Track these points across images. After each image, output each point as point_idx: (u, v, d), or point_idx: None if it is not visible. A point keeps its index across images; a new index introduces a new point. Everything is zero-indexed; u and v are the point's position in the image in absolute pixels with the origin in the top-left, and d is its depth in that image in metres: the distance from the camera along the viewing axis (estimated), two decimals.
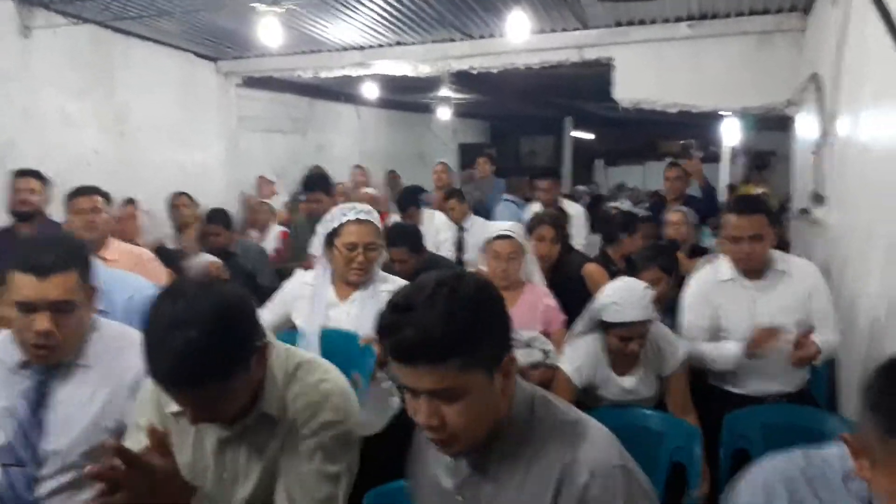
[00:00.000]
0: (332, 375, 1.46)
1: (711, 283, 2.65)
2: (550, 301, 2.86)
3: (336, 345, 2.22)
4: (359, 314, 2.30)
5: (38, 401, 1.58)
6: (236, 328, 1.23)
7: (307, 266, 3.94)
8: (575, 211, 4.88)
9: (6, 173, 4.14)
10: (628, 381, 2.49)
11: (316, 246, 2.53)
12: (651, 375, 2.51)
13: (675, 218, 4.14)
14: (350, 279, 2.37)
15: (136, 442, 1.42)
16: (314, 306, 2.37)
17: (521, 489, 1.12)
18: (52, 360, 1.59)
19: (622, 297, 2.39)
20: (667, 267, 3.07)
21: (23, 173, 3.67)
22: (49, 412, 1.58)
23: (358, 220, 2.32)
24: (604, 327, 2.44)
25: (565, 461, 1.09)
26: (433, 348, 1.02)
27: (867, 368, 2.44)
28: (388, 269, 3.50)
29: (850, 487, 1.05)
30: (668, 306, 2.93)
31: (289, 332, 2.44)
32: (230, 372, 1.22)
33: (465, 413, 1.06)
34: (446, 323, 1.02)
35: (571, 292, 3.01)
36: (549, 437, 1.13)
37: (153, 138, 6.06)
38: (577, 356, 2.49)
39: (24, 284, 1.52)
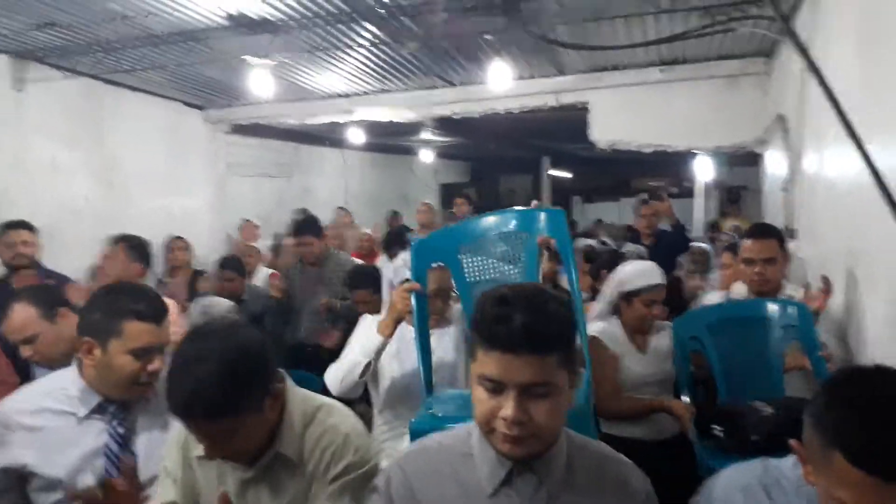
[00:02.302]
0: (350, 418, 1.51)
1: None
2: None
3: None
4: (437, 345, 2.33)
5: (127, 435, 1.69)
6: (250, 368, 1.30)
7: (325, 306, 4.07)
8: None
9: None
10: (649, 355, 2.70)
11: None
12: (664, 350, 2.71)
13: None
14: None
15: (165, 486, 1.50)
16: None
17: None
18: (149, 392, 1.73)
19: (641, 266, 2.78)
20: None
21: (13, 225, 3.70)
22: (136, 444, 1.70)
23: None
24: (627, 300, 2.69)
25: (647, 489, 1.25)
26: (541, 337, 1.09)
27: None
28: (352, 310, 3.64)
29: (801, 492, 1.17)
30: None
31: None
32: (242, 408, 1.28)
33: (551, 411, 1.11)
34: (553, 316, 1.12)
35: None
36: (606, 458, 1.27)
37: (142, 186, 6.16)
38: (600, 325, 2.74)
39: (144, 331, 1.67)
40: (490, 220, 2.27)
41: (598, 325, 2.78)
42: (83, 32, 4.41)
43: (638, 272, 2.74)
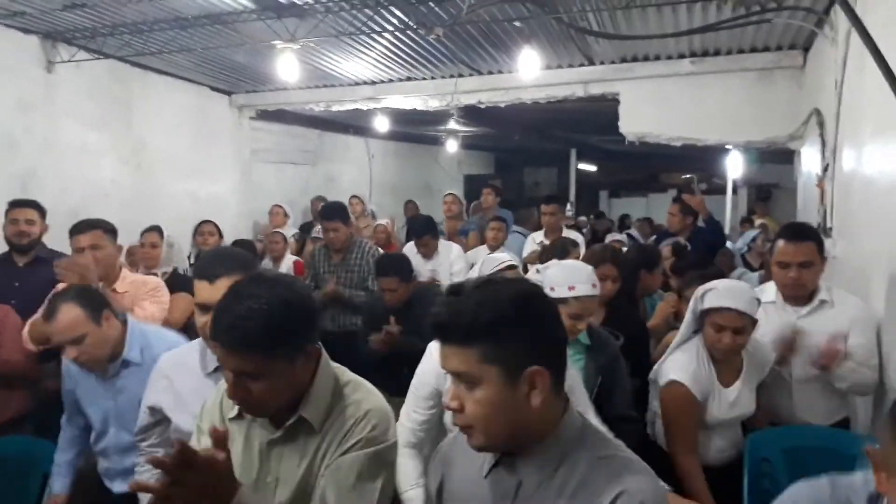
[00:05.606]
0: (375, 396, 1.53)
1: None
2: None
3: None
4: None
5: None
6: (292, 317, 1.37)
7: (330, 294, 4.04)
8: (578, 240, 4.94)
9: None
10: (732, 393, 2.38)
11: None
12: (751, 387, 2.42)
13: (669, 252, 4.28)
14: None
15: (198, 442, 1.56)
16: None
17: None
18: None
19: (724, 285, 2.36)
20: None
21: (19, 204, 3.57)
22: None
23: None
24: (702, 320, 2.36)
25: (617, 491, 1.11)
26: (456, 329, 1.13)
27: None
28: (378, 299, 3.59)
29: None
30: None
31: None
32: (274, 351, 1.34)
33: (480, 405, 1.14)
34: (473, 310, 1.12)
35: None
36: (599, 466, 1.17)
37: (169, 169, 6.20)
38: (689, 361, 2.36)
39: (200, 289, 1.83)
40: None
41: (683, 351, 2.41)
42: (110, 13, 4.44)
43: (714, 289, 2.34)
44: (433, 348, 2.27)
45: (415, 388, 2.25)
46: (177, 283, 3.51)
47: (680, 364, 2.38)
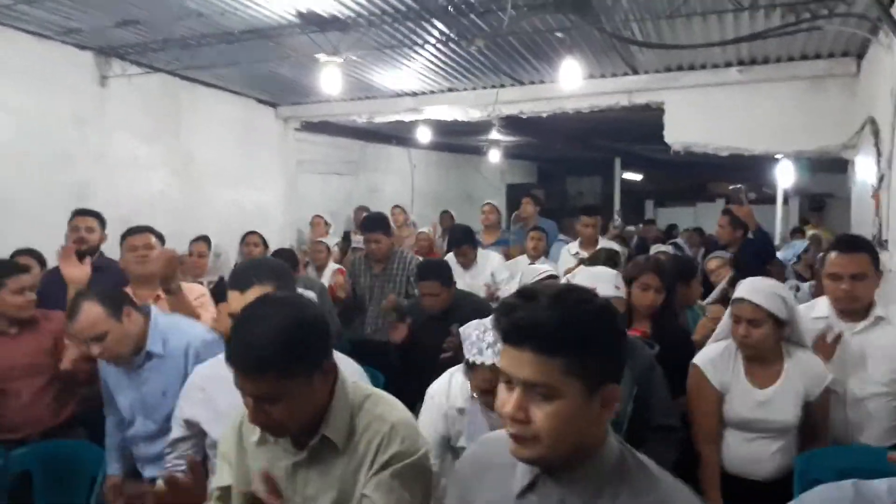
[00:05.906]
0: (398, 408, 1.52)
1: (804, 319, 2.57)
2: None
3: None
4: None
5: None
6: (305, 336, 1.37)
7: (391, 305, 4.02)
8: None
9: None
10: (763, 395, 2.33)
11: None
12: (791, 396, 2.33)
13: (714, 265, 4.17)
14: None
15: (221, 470, 1.57)
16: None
17: None
18: None
19: (750, 280, 2.42)
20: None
21: (82, 213, 3.77)
22: None
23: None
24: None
25: None
26: (542, 336, 1.05)
27: None
28: (416, 304, 3.58)
29: None
30: None
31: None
32: (290, 371, 1.33)
33: (552, 418, 1.06)
34: (562, 318, 1.05)
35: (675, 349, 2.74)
36: (644, 488, 1.13)
37: (216, 180, 6.34)
38: (715, 350, 2.45)
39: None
40: None
41: (710, 348, 2.49)
42: (161, 29, 4.57)
43: (742, 282, 2.42)
44: (433, 392, 2.24)
45: None
46: (223, 292, 3.57)
47: (706, 351, 2.48)
